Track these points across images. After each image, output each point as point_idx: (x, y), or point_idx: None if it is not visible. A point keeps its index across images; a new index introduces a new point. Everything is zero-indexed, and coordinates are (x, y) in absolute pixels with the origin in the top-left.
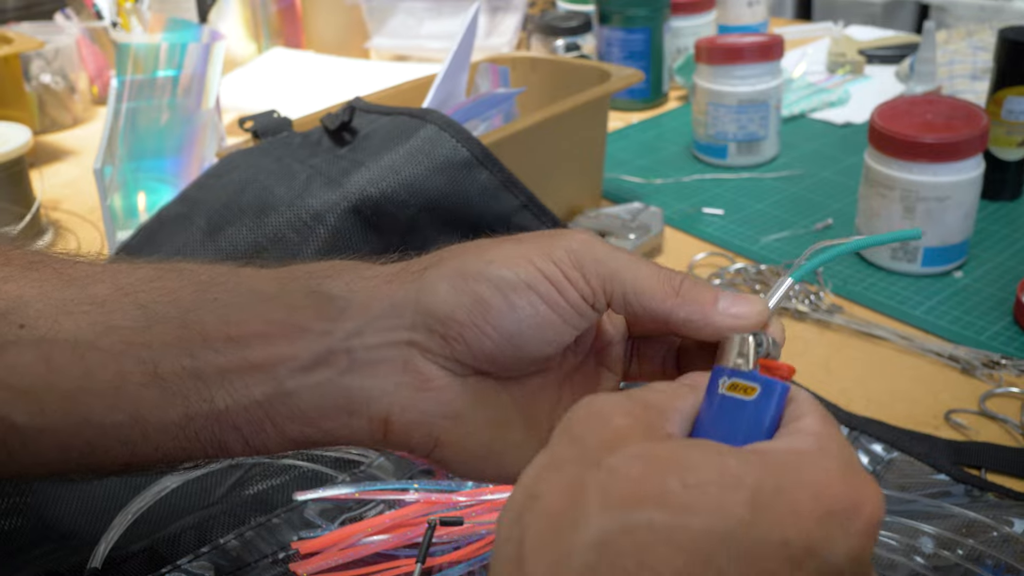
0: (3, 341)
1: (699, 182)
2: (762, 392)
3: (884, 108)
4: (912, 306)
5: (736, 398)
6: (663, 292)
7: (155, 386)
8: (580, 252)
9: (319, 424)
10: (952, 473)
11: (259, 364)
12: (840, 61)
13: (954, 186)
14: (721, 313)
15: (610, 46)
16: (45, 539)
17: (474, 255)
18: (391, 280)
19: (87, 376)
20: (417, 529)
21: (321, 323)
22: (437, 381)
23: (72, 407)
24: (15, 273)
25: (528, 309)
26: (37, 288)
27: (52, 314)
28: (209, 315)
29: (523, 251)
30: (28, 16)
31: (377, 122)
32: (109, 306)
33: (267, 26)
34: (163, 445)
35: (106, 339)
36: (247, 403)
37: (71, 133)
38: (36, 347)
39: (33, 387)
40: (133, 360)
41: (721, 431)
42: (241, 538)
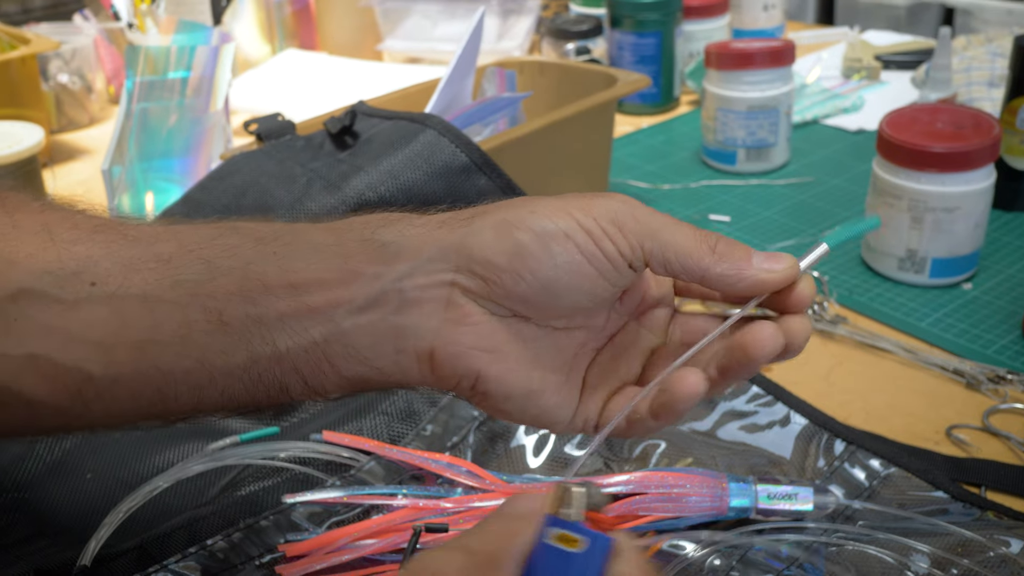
0: (76, 298)
1: (707, 188)
2: (590, 547)
3: (893, 116)
4: (918, 318)
5: (563, 550)
6: (700, 250)
7: (220, 332)
8: (620, 211)
9: (372, 363)
10: (951, 490)
11: (317, 307)
12: (856, 66)
13: (963, 196)
14: (755, 267)
15: (621, 50)
16: (40, 536)
17: (519, 206)
18: (440, 226)
19: (156, 327)
20: (403, 535)
21: (374, 267)
22: (476, 317)
23: (142, 356)
24: (83, 236)
25: (564, 256)
26: (104, 248)
27: (121, 271)
28: (270, 266)
29: (565, 205)
30: (54, 16)
31: (378, 126)
32: (175, 262)
33: (281, 28)
34: (228, 388)
35: (173, 292)
36: (306, 344)
37: (87, 132)
38: (108, 302)
39: (105, 340)
40: (199, 309)
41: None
42: (229, 539)
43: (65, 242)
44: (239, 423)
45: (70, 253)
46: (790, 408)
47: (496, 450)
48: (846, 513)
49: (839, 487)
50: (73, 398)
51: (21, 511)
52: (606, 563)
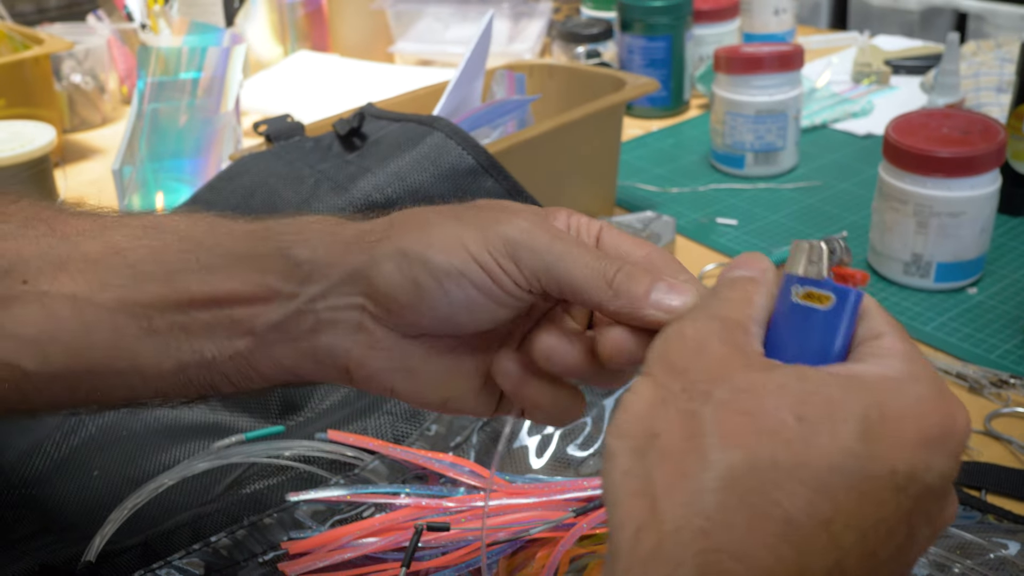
0: (9, 295)
1: (715, 192)
2: (837, 301)
3: (900, 121)
4: (923, 322)
5: (810, 307)
6: (597, 285)
7: (149, 339)
8: (517, 242)
9: (295, 371)
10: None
11: (239, 320)
12: (866, 71)
13: (968, 201)
14: (652, 307)
15: (631, 54)
16: (46, 532)
17: (417, 235)
18: (348, 248)
19: (87, 329)
20: (405, 533)
21: (289, 285)
22: (385, 341)
23: (75, 356)
24: (13, 230)
25: (460, 295)
26: (35, 245)
27: (51, 271)
28: (192, 276)
29: (461, 235)
30: (68, 16)
31: (386, 128)
32: (102, 264)
33: (294, 29)
34: (161, 388)
35: (102, 295)
36: (232, 353)
37: (100, 132)
38: (39, 301)
39: (39, 338)
40: (127, 316)
41: (796, 340)
42: (232, 537)
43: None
44: (245, 421)
45: (1, 249)
46: None
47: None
48: None
49: None
50: (11, 391)
51: (28, 507)
52: (855, 316)
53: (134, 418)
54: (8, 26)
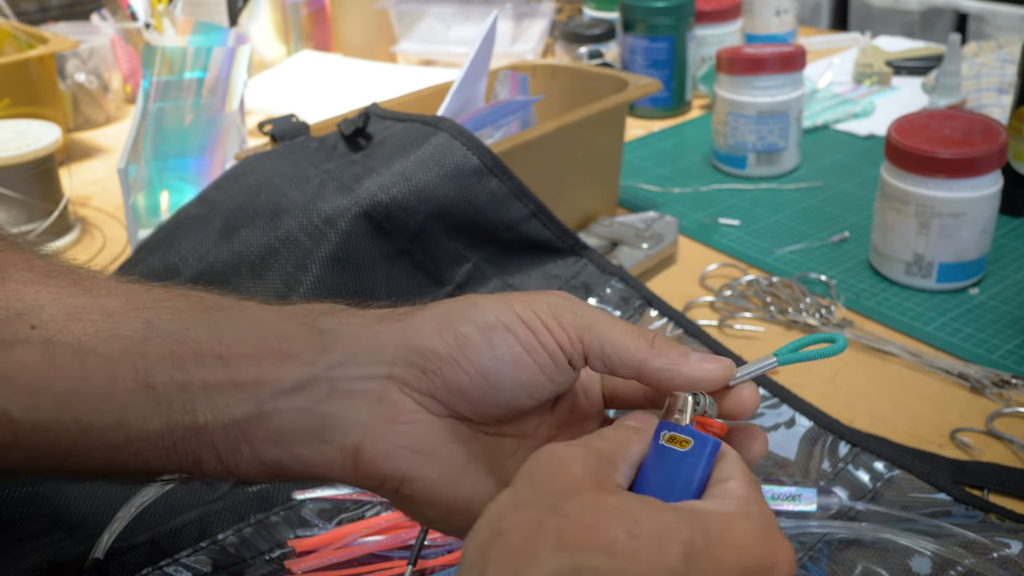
0: (13, 339)
1: (717, 192)
2: (695, 445)
3: (902, 122)
4: (924, 322)
5: (673, 449)
6: (638, 344)
7: (143, 393)
8: (560, 305)
9: (292, 449)
10: (953, 493)
11: (243, 383)
12: (867, 72)
13: (970, 202)
14: (692, 366)
15: (633, 54)
16: (54, 529)
17: (460, 301)
18: (380, 319)
19: (83, 379)
20: (411, 531)
21: (308, 353)
22: (410, 416)
23: (64, 406)
24: (35, 279)
25: (505, 348)
26: (53, 294)
27: (62, 319)
28: (205, 334)
29: (507, 299)
30: (71, 15)
31: (391, 128)
32: (117, 318)
33: (297, 29)
34: (143, 452)
35: (107, 346)
36: (226, 420)
37: (104, 131)
38: (42, 347)
39: (32, 384)
40: (127, 367)
41: (659, 478)
42: (239, 534)
43: (16, 283)
44: None
45: (18, 294)
46: (796, 410)
47: None
48: (849, 514)
49: (843, 489)
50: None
51: (36, 504)
52: (712, 460)
53: None
54: (13, 25)
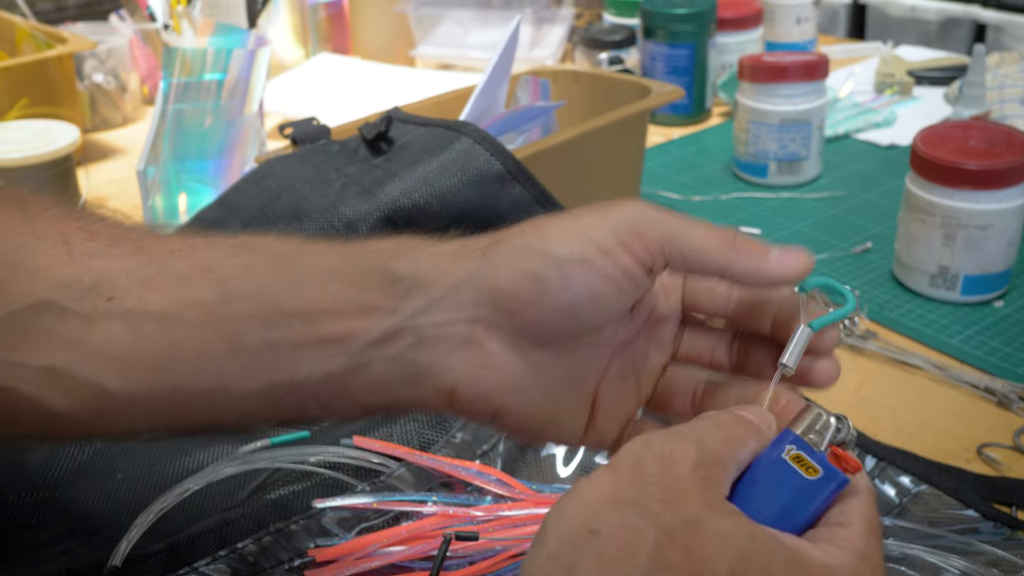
0: (94, 312)
1: (738, 200)
2: (823, 478)
3: (927, 132)
4: (949, 335)
5: (796, 471)
6: (719, 246)
7: (237, 357)
8: (637, 218)
9: (389, 395)
10: (981, 509)
11: (331, 339)
12: (888, 81)
13: (996, 214)
14: (774, 263)
15: (654, 61)
16: (71, 535)
17: (532, 233)
18: (454, 259)
19: (174, 347)
20: (433, 542)
21: (389, 301)
22: (498, 358)
23: (161, 375)
24: (100, 249)
25: (583, 282)
26: (121, 263)
27: (137, 289)
28: (283, 291)
29: (579, 225)
30: (87, 15)
31: (413, 133)
32: (190, 282)
33: (315, 32)
34: (248, 410)
35: (189, 313)
36: (323, 374)
37: (121, 132)
38: (125, 318)
39: (124, 357)
40: (216, 332)
41: (767, 495)
42: (259, 543)
43: (82, 254)
44: (270, 426)
45: (87, 266)
46: None
47: (526, 458)
48: None
49: None
50: (92, 411)
51: (53, 510)
52: (832, 500)
53: None
54: (32, 25)
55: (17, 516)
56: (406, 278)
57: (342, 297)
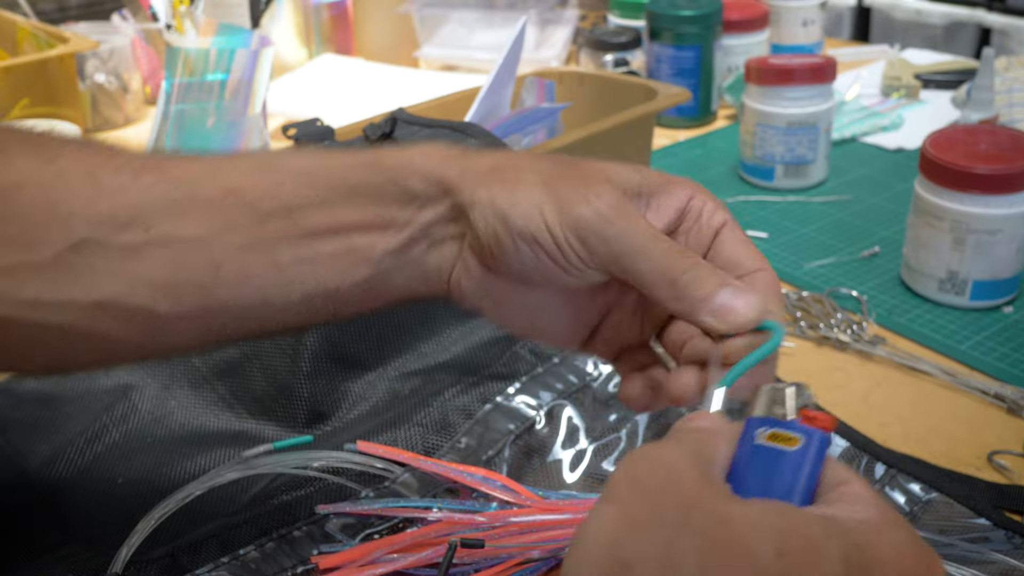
0: (135, 244)
1: (744, 204)
2: (805, 442)
3: (937, 136)
4: (958, 340)
5: (776, 448)
6: (660, 284)
7: (276, 273)
8: (588, 227)
9: (410, 291)
10: (993, 518)
11: (360, 250)
12: (895, 85)
13: (1006, 219)
14: (709, 313)
15: (659, 63)
16: (70, 540)
17: (509, 191)
18: (456, 184)
19: (216, 269)
20: (438, 549)
21: (406, 214)
22: (476, 273)
23: (206, 296)
24: (128, 182)
25: (531, 257)
26: (152, 194)
27: (171, 217)
28: (312, 210)
29: (542, 203)
30: (89, 15)
31: (418, 134)
32: (220, 207)
33: (319, 32)
34: (288, 320)
35: (226, 237)
36: (353, 282)
37: (123, 132)
38: (166, 247)
39: (170, 281)
40: (254, 253)
41: (761, 482)
42: (261, 549)
43: (112, 189)
44: (271, 430)
45: (120, 201)
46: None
47: (532, 464)
48: None
49: None
50: (145, 335)
51: (52, 515)
52: (822, 461)
53: (158, 425)
54: (33, 24)
55: (16, 521)
56: (421, 195)
57: (367, 213)
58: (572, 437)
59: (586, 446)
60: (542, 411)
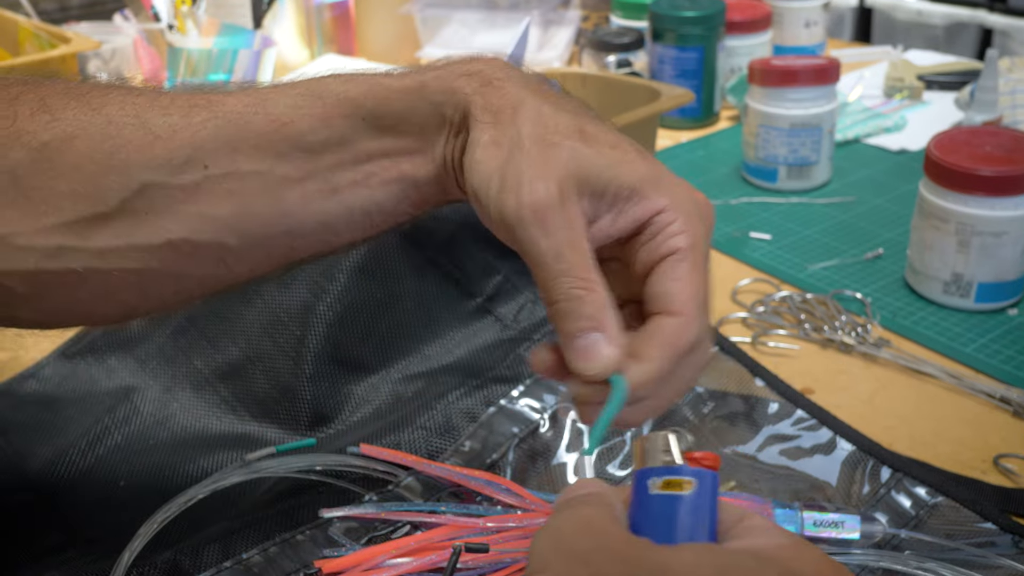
0: (196, 183)
1: (747, 205)
2: (699, 484)
3: (942, 138)
4: (963, 343)
5: (672, 495)
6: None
7: (336, 198)
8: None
9: (444, 200)
10: (999, 522)
11: (407, 173)
12: (898, 86)
13: (1011, 221)
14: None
15: (662, 64)
16: (72, 543)
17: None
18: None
19: (277, 201)
20: (442, 554)
21: (439, 135)
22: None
23: (271, 225)
24: (179, 122)
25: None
26: (204, 131)
27: (227, 153)
28: (362, 138)
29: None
30: (91, 15)
31: None
32: (273, 138)
33: (320, 33)
34: (353, 237)
35: (283, 167)
36: (404, 199)
37: None
38: (226, 182)
39: (235, 215)
40: (312, 182)
41: (664, 531)
42: (264, 554)
43: (165, 131)
44: (273, 432)
45: (174, 142)
46: (835, 433)
47: (536, 468)
48: (893, 542)
49: (883, 515)
50: (218, 267)
51: (52, 518)
52: (716, 499)
53: (160, 428)
54: (35, 24)
55: (17, 523)
56: (458, 121)
57: (412, 139)
58: (576, 440)
59: None
60: (546, 414)
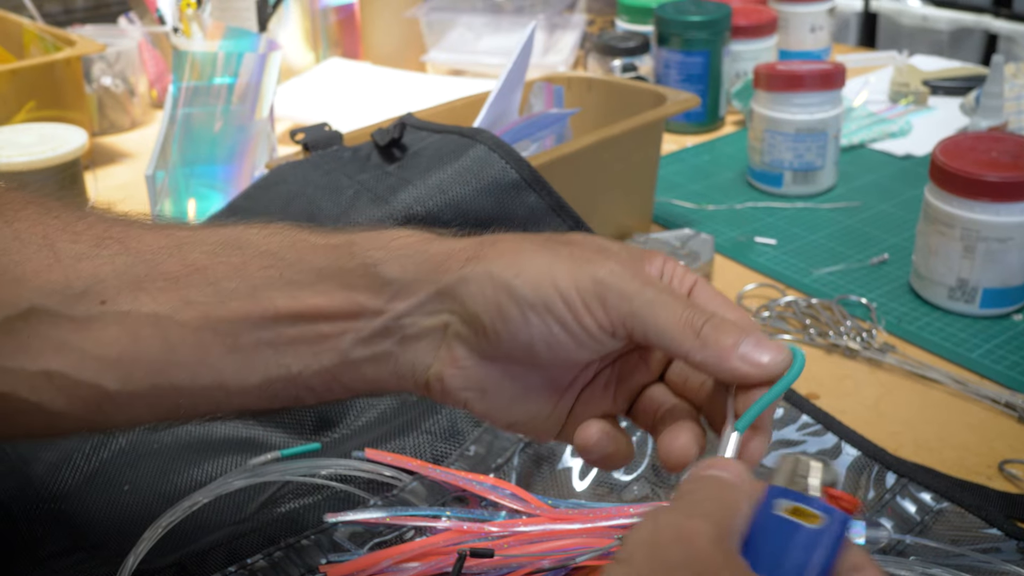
0: (87, 316)
1: (752, 210)
2: (828, 523)
3: (947, 143)
4: (968, 348)
5: (795, 523)
6: (683, 334)
7: (235, 355)
8: (606, 284)
9: (378, 384)
10: (1004, 528)
11: (326, 336)
12: (903, 91)
13: (1017, 227)
14: (739, 359)
15: (668, 68)
16: (76, 548)
17: (508, 261)
18: (439, 267)
19: (171, 348)
20: (447, 559)
21: (377, 303)
22: (464, 361)
23: (159, 375)
24: (87, 251)
25: (541, 328)
26: (110, 265)
27: (128, 290)
28: (277, 293)
29: (552, 269)
30: (95, 17)
31: (427, 139)
32: (182, 282)
33: (326, 36)
34: (246, 403)
35: (183, 314)
36: (317, 369)
37: (129, 136)
38: (120, 321)
39: (121, 358)
40: (211, 333)
41: (775, 555)
42: (269, 559)
43: (69, 258)
44: (278, 437)
45: (76, 271)
46: (840, 438)
47: (541, 472)
48: (898, 548)
49: (888, 520)
50: (91, 410)
51: (58, 523)
52: (841, 543)
53: (165, 432)
54: (40, 27)
55: (22, 529)
56: (394, 282)
57: (333, 298)
58: None
59: None
60: None
